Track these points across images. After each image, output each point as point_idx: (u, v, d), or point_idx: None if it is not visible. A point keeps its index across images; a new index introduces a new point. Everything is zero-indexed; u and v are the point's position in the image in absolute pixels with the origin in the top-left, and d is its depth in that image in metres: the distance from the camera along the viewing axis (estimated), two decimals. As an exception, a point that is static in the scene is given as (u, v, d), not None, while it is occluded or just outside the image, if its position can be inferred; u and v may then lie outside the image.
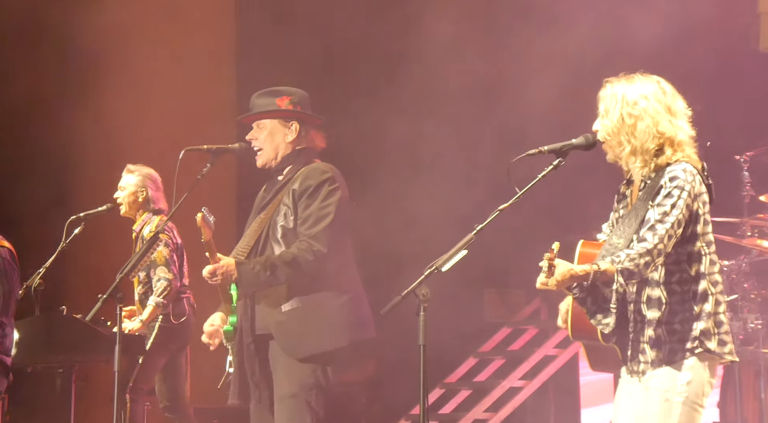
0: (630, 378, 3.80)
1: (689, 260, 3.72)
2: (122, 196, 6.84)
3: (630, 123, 3.75)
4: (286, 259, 4.73)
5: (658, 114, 3.75)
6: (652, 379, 3.72)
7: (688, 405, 3.69)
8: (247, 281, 4.73)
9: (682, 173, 3.70)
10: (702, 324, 3.70)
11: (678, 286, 3.72)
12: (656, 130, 3.74)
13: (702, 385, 3.71)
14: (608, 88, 3.82)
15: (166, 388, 6.83)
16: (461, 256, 3.90)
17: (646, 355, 3.73)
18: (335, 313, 4.80)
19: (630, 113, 3.75)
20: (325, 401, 4.80)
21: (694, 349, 3.69)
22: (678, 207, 3.66)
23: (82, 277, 8.48)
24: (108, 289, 4.64)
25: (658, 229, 3.64)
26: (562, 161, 3.88)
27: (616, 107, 3.77)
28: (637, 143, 3.74)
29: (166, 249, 6.63)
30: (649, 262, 3.62)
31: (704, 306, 3.70)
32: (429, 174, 8.58)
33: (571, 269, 3.60)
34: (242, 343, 4.83)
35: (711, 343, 3.70)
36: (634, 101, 3.75)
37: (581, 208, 7.53)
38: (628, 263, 3.61)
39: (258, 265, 4.72)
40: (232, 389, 4.88)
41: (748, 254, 6.66)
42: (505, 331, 9.68)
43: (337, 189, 4.87)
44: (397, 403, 8.78)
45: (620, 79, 3.83)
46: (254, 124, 5.01)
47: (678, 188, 3.68)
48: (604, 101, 3.81)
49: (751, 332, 6.52)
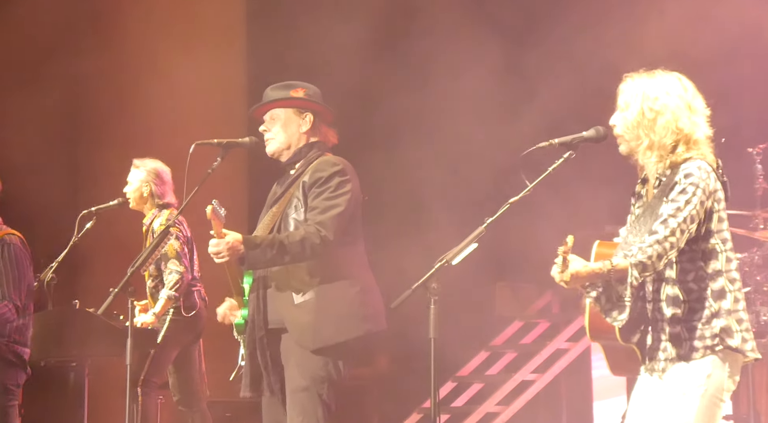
0: (650, 376, 3.78)
1: (704, 258, 3.70)
2: (129, 191, 6.86)
3: (650, 117, 3.73)
4: (292, 239, 4.73)
5: (678, 110, 3.74)
6: (671, 375, 3.70)
7: (707, 398, 3.66)
8: (253, 257, 4.72)
9: (697, 170, 3.69)
10: (723, 321, 3.67)
11: (695, 284, 3.70)
12: (675, 126, 3.72)
13: (723, 380, 3.68)
14: (629, 83, 3.80)
15: (178, 382, 6.85)
16: (472, 249, 3.90)
17: (667, 353, 3.71)
18: (348, 304, 4.80)
19: (651, 108, 3.73)
20: (337, 395, 4.80)
21: (715, 347, 3.66)
22: (692, 203, 3.64)
23: (94, 272, 8.51)
24: (119, 283, 4.66)
25: (670, 223, 3.62)
26: (573, 154, 3.87)
27: (637, 101, 3.74)
28: (655, 138, 3.72)
29: (177, 242, 6.64)
30: (661, 253, 3.60)
31: (722, 303, 3.68)
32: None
33: (585, 266, 3.60)
34: (254, 335, 4.84)
35: (733, 340, 3.68)
36: (655, 96, 3.74)
37: (593, 201, 7.52)
38: (641, 256, 3.59)
39: (265, 242, 4.72)
40: (244, 382, 4.88)
41: (760, 247, 6.65)
42: (517, 325, 9.68)
43: (348, 181, 4.87)
44: (408, 396, 8.79)
45: (641, 74, 3.81)
46: (267, 116, 5.00)
47: (692, 185, 3.66)
48: (624, 95, 3.79)
49: (764, 325, 6.51)
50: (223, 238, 4.70)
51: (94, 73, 8.89)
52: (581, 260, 3.62)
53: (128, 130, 8.82)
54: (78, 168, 9.13)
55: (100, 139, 9.01)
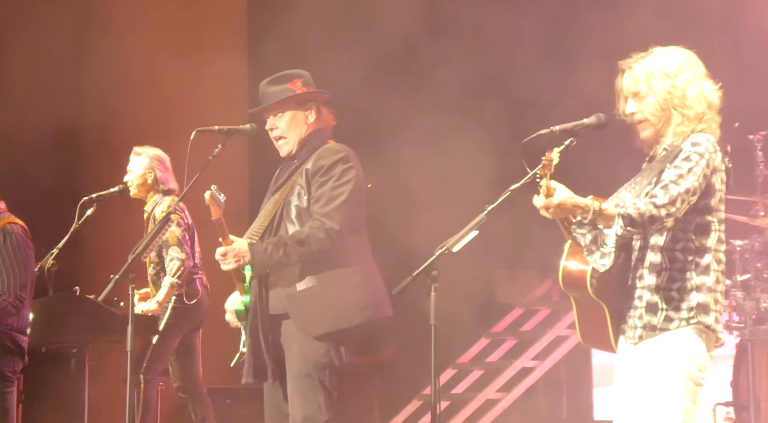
0: (626, 344, 3.75)
1: (697, 231, 3.68)
2: (131, 178, 6.85)
3: (679, 95, 3.70)
4: (298, 239, 4.73)
5: (697, 78, 3.74)
6: (650, 350, 3.68)
7: (691, 380, 3.65)
8: (261, 262, 4.73)
9: (705, 142, 3.67)
10: (701, 296, 3.66)
11: (681, 254, 3.67)
12: (704, 95, 3.72)
13: (702, 359, 3.67)
14: (637, 69, 3.76)
15: (179, 369, 6.86)
16: (472, 236, 3.89)
17: (643, 320, 3.69)
18: (351, 291, 4.80)
19: (674, 85, 3.71)
20: (339, 381, 4.81)
21: (690, 320, 3.65)
22: (695, 173, 3.61)
23: (95, 258, 8.51)
24: (120, 270, 4.66)
25: (671, 189, 3.59)
26: (574, 141, 3.86)
27: (659, 83, 3.71)
28: (690, 112, 3.70)
29: (178, 229, 6.64)
30: (655, 216, 3.56)
31: (705, 279, 3.67)
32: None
33: (571, 197, 3.57)
34: (256, 322, 4.84)
35: (708, 317, 3.66)
36: (674, 73, 3.72)
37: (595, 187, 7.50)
38: (632, 210, 3.56)
39: (270, 246, 4.72)
40: (246, 368, 4.88)
41: (761, 234, 6.65)
42: (517, 312, 9.69)
43: (351, 168, 4.86)
44: (409, 383, 8.81)
45: (643, 56, 3.78)
46: (271, 115, 4.94)
47: (698, 154, 3.63)
48: (641, 82, 3.74)
49: (764, 312, 6.52)
50: (230, 245, 4.71)
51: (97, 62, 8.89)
52: (567, 190, 3.60)
53: (130, 118, 8.82)
54: (79, 155, 9.12)
55: (101, 126, 9.01)
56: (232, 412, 8.18)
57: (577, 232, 3.69)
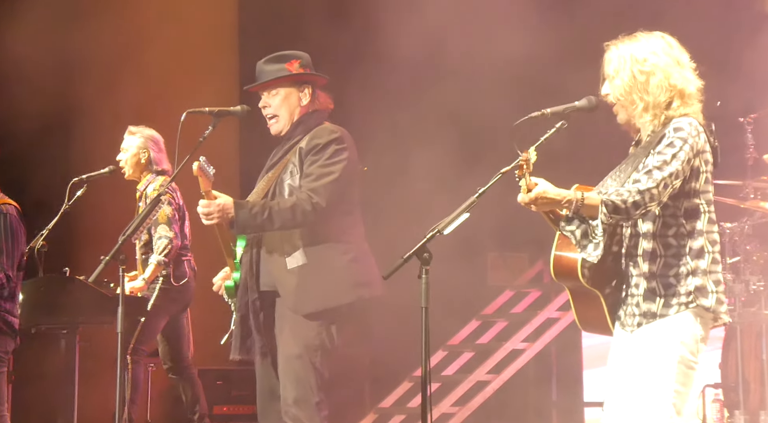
0: (622, 331, 3.78)
1: (686, 215, 3.70)
2: (125, 158, 6.84)
3: (642, 80, 3.73)
4: (283, 206, 4.73)
5: (668, 67, 3.75)
6: (646, 335, 3.70)
7: (684, 364, 3.67)
8: (243, 221, 4.71)
9: (688, 126, 3.69)
10: (698, 280, 3.68)
11: (674, 239, 3.69)
12: (668, 84, 3.73)
13: (696, 342, 3.68)
14: (614, 51, 3.80)
15: (168, 350, 6.87)
16: (463, 219, 3.89)
17: (640, 308, 3.71)
18: (341, 269, 4.80)
19: (641, 70, 3.74)
20: (330, 363, 4.81)
21: (689, 304, 3.67)
22: (678, 158, 3.63)
23: (85, 239, 8.50)
24: (110, 251, 4.65)
25: (654, 174, 3.61)
26: (565, 124, 3.86)
27: (626, 66, 3.75)
28: (650, 99, 3.73)
29: (169, 208, 6.64)
30: (639, 202, 3.58)
31: (699, 263, 3.68)
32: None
33: (551, 188, 3.59)
34: (246, 298, 4.84)
35: (706, 300, 3.68)
36: (644, 58, 3.74)
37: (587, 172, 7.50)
38: (615, 196, 3.58)
39: (256, 207, 4.72)
40: (234, 344, 4.88)
41: (750, 216, 6.67)
42: (508, 294, 9.71)
43: (345, 149, 4.86)
44: (400, 364, 8.82)
45: (623, 40, 3.82)
46: (265, 92, 4.96)
47: (681, 140, 3.66)
48: (612, 63, 3.79)
49: (753, 294, 6.54)
50: (214, 200, 4.70)
51: (88, 41, 8.85)
52: (549, 184, 3.61)
53: (121, 99, 8.79)
54: (70, 136, 9.09)
55: (92, 107, 8.97)
56: (224, 393, 8.20)
57: (566, 230, 3.70)
